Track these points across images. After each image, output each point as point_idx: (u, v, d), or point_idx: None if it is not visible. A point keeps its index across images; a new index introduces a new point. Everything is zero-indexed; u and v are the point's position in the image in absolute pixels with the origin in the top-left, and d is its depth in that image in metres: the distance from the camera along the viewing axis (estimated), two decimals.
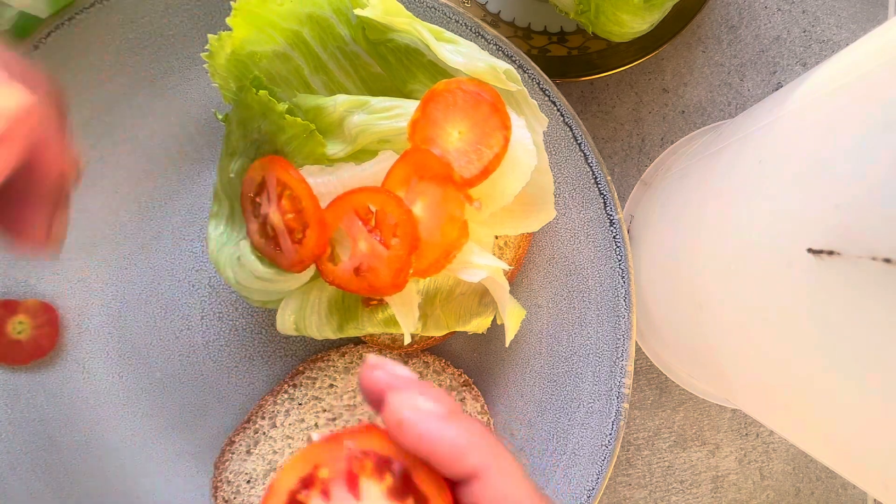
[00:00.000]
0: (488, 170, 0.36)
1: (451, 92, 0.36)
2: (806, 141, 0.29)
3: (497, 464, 0.22)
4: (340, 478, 0.23)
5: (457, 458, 0.22)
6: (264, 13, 0.37)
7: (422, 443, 0.22)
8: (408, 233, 0.35)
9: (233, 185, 0.41)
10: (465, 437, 0.22)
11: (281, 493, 0.23)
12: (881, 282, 0.21)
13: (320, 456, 0.23)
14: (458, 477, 0.22)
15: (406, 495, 0.23)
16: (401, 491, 0.23)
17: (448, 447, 0.22)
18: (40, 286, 0.46)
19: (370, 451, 0.23)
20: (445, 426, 0.22)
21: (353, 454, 0.23)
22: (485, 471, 0.22)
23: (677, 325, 0.44)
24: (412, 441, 0.22)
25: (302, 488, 0.23)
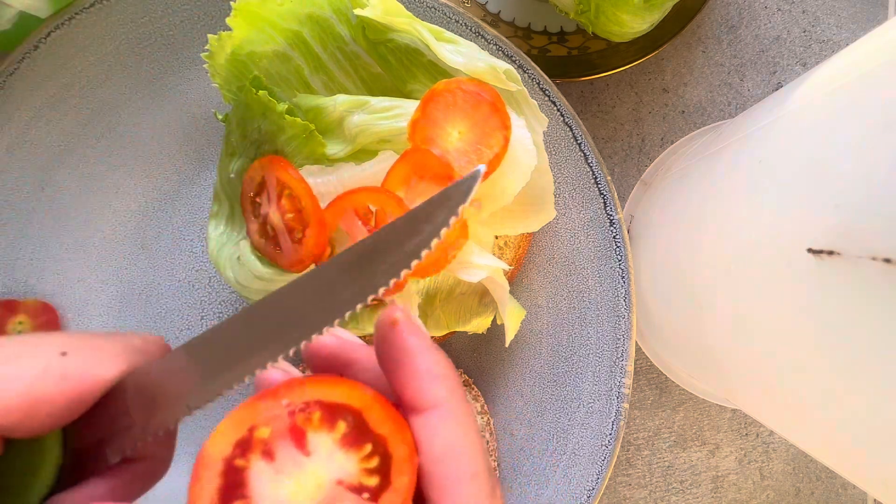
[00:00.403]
0: (488, 170, 0.36)
1: (451, 92, 0.36)
2: (806, 141, 0.29)
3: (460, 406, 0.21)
4: (284, 435, 0.21)
5: (430, 379, 0.21)
6: (264, 13, 0.37)
7: (404, 352, 0.21)
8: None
9: (233, 184, 0.41)
10: (444, 366, 0.22)
11: (214, 461, 0.20)
12: (881, 282, 0.21)
13: (256, 415, 0.21)
14: (418, 403, 0.21)
15: (362, 442, 0.21)
16: (356, 438, 0.21)
17: (427, 364, 0.21)
18: (40, 286, 0.46)
19: (314, 402, 0.21)
20: (432, 346, 0.22)
21: (294, 407, 0.21)
22: (447, 405, 0.21)
23: (677, 325, 0.43)
24: (397, 346, 0.21)
25: (239, 454, 0.20)
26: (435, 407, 0.21)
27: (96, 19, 0.44)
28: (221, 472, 0.20)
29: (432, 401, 0.21)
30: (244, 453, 0.20)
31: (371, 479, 0.20)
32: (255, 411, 0.21)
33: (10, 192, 0.45)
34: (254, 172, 0.38)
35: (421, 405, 0.21)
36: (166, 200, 0.48)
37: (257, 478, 0.20)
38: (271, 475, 0.20)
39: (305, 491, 0.20)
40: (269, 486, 0.20)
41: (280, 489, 0.20)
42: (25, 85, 0.44)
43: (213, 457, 0.20)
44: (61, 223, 0.46)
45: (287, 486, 0.20)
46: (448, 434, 0.21)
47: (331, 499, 0.20)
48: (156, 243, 0.48)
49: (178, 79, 0.46)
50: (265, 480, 0.20)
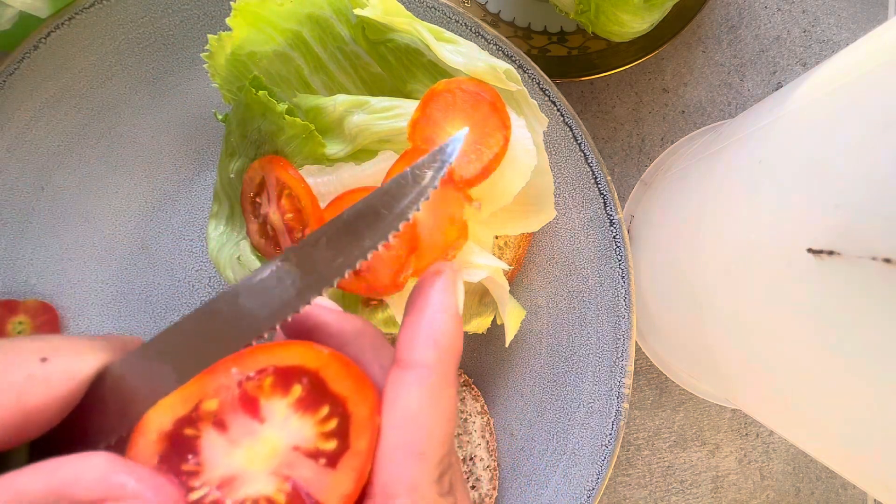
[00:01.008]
0: (488, 170, 0.36)
1: (451, 92, 0.36)
2: (806, 141, 0.29)
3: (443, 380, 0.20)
4: (234, 405, 0.20)
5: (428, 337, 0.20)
6: (264, 13, 0.37)
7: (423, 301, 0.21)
8: (407, 233, 0.35)
9: (233, 185, 0.41)
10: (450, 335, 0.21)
11: (150, 434, 0.19)
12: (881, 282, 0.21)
13: (203, 389, 0.20)
14: (405, 355, 0.20)
15: (319, 404, 0.20)
16: (312, 400, 0.20)
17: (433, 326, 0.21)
18: (40, 286, 0.46)
19: (266, 368, 0.20)
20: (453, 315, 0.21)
21: (244, 376, 0.20)
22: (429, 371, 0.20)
23: (677, 325, 0.43)
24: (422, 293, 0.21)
25: (186, 426, 0.19)
26: (415, 366, 0.20)
27: (96, 19, 0.44)
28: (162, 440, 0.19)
29: (416, 359, 0.20)
30: (194, 424, 0.20)
31: (329, 444, 0.19)
32: (203, 385, 0.20)
33: (10, 192, 0.45)
34: (253, 172, 0.38)
35: (404, 359, 0.20)
36: (166, 200, 0.48)
37: (209, 447, 0.19)
38: (224, 445, 0.20)
39: (259, 458, 0.19)
40: (221, 454, 0.19)
41: (234, 458, 0.19)
42: (25, 85, 0.44)
43: (150, 430, 0.19)
44: (61, 223, 0.46)
45: (240, 454, 0.19)
46: (414, 399, 0.20)
47: (286, 465, 0.19)
48: (156, 243, 0.48)
49: (178, 79, 0.46)
50: (218, 449, 0.19)
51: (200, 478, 0.19)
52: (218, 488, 0.19)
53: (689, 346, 0.43)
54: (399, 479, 0.19)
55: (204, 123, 0.47)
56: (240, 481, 0.19)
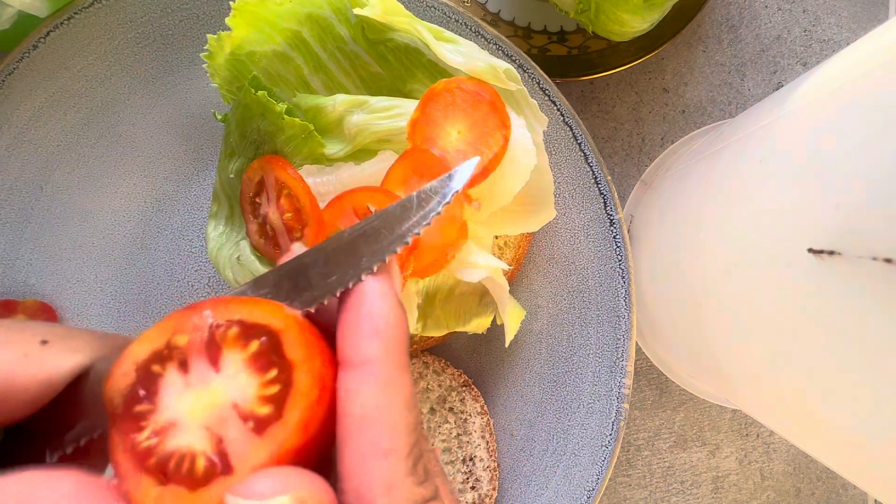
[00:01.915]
0: (488, 170, 0.36)
1: (451, 91, 0.36)
2: (806, 141, 0.29)
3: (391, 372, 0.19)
4: (200, 348, 0.20)
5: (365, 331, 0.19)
6: (264, 13, 0.37)
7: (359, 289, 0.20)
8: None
9: (232, 185, 0.41)
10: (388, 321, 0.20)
11: (128, 362, 0.20)
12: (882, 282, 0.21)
13: (179, 326, 0.20)
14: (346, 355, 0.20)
15: (270, 366, 0.20)
16: (265, 361, 0.20)
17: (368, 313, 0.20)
18: (40, 286, 0.46)
19: (237, 320, 0.20)
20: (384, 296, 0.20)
21: (216, 321, 0.20)
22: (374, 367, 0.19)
23: (677, 325, 0.43)
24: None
25: (156, 360, 0.20)
26: (361, 364, 0.19)
27: (95, 19, 0.44)
28: (135, 374, 0.20)
29: (360, 355, 0.19)
30: (162, 362, 0.20)
31: (264, 408, 0.19)
32: (179, 322, 0.20)
33: (10, 192, 0.45)
34: (252, 172, 0.38)
35: (348, 358, 0.19)
36: (166, 200, 0.48)
37: (168, 387, 0.20)
38: (181, 387, 0.20)
39: (201, 408, 0.19)
40: (175, 396, 0.20)
41: (182, 402, 0.19)
42: (24, 85, 0.44)
43: (129, 358, 0.20)
44: (60, 223, 0.46)
45: (189, 399, 0.19)
46: (368, 398, 0.19)
47: (218, 420, 0.19)
48: (155, 243, 0.48)
49: (178, 79, 0.46)
50: (174, 390, 0.20)
51: (150, 420, 0.19)
52: (156, 434, 0.19)
53: (690, 346, 0.43)
54: (372, 481, 0.18)
55: (203, 123, 0.47)
56: (175, 430, 0.19)
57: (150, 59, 0.46)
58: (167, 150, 0.48)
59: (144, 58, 0.45)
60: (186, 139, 0.48)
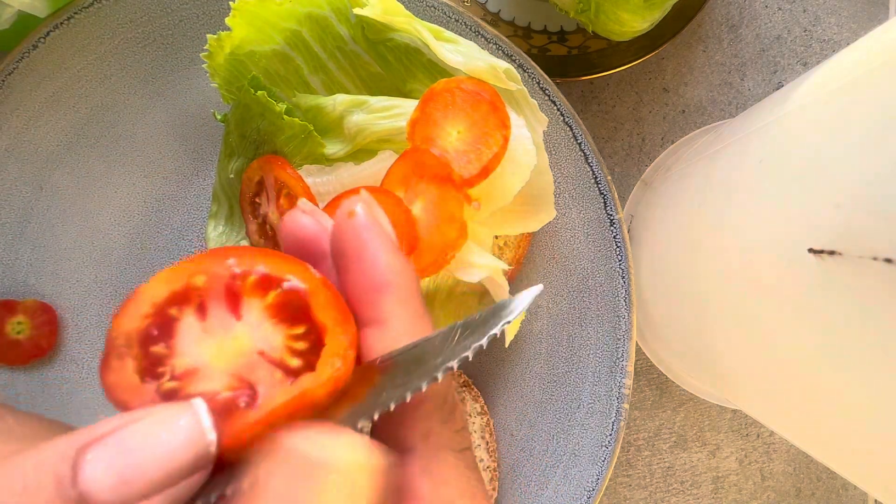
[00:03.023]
0: (488, 169, 0.36)
1: (450, 91, 0.36)
2: (806, 141, 0.29)
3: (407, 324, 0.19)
4: (219, 294, 0.19)
5: (375, 287, 0.19)
6: (263, 13, 0.37)
7: (355, 246, 0.19)
8: (406, 233, 0.35)
9: (232, 185, 0.41)
10: (396, 272, 0.19)
11: (144, 302, 0.19)
12: (882, 282, 0.21)
13: (198, 267, 0.19)
14: (360, 314, 0.19)
15: (297, 321, 0.19)
16: (291, 314, 0.19)
17: (375, 268, 0.19)
18: (39, 286, 0.46)
19: (257, 270, 0.19)
20: (387, 247, 0.19)
21: (237, 269, 0.19)
22: (390, 322, 0.19)
23: (677, 325, 0.43)
24: (347, 238, 0.19)
25: (173, 304, 0.19)
26: (379, 322, 0.19)
27: (95, 19, 0.44)
28: (149, 314, 0.19)
29: (376, 314, 0.19)
30: (180, 304, 0.19)
31: (293, 360, 0.19)
32: (198, 264, 0.20)
33: (9, 192, 0.45)
34: (252, 172, 0.38)
35: (364, 317, 0.19)
36: (165, 200, 0.48)
37: (185, 331, 0.19)
38: (199, 332, 0.19)
39: (225, 354, 0.19)
40: (193, 342, 0.19)
41: (203, 348, 0.19)
42: (24, 85, 0.44)
43: (145, 297, 0.19)
44: (60, 223, 0.46)
45: (210, 346, 0.19)
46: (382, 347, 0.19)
47: (248, 366, 0.19)
48: (155, 243, 0.48)
49: (177, 78, 0.46)
50: (192, 336, 0.19)
51: (167, 364, 0.19)
52: (177, 378, 0.19)
53: (690, 346, 0.43)
54: (408, 430, 0.18)
55: (203, 123, 0.47)
56: (199, 376, 0.19)
57: (150, 59, 0.46)
58: (167, 150, 0.48)
59: (144, 58, 0.45)
60: (186, 139, 0.48)
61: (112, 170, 0.47)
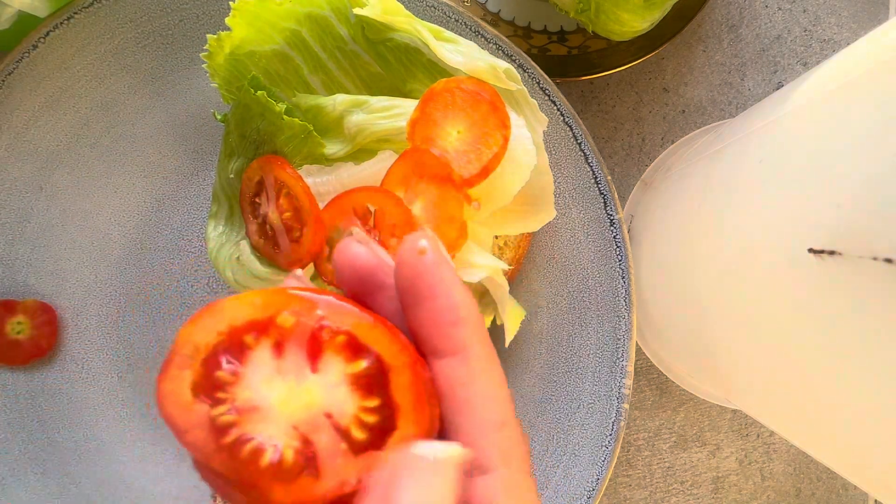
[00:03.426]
0: (487, 169, 0.36)
1: (450, 91, 0.36)
2: (806, 141, 0.29)
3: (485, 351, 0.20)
4: (302, 337, 0.19)
5: (452, 321, 0.19)
6: (263, 13, 0.37)
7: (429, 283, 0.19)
8: (406, 233, 0.35)
9: (232, 185, 0.41)
10: (469, 305, 0.20)
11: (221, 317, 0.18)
12: (882, 282, 0.21)
13: (287, 305, 0.19)
14: (438, 346, 0.20)
15: (371, 394, 0.19)
16: (367, 385, 0.19)
17: (451, 303, 0.19)
18: (39, 286, 0.46)
19: (346, 331, 0.19)
20: (459, 283, 0.20)
21: (326, 323, 0.19)
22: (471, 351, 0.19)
23: (677, 325, 0.43)
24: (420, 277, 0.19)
25: (251, 331, 0.18)
26: (456, 352, 0.19)
27: (95, 19, 0.44)
28: (224, 332, 0.18)
29: (454, 345, 0.19)
30: (258, 334, 0.18)
31: (360, 433, 0.18)
32: (288, 301, 0.19)
33: (9, 193, 0.45)
34: (252, 172, 0.38)
35: (442, 349, 0.19)
36: (165, 200, 0.48)
37: (257, 364, 0.18)
38: (271, 370, 0.18)
39: (292, 403, 0.18)
40: (262, 379, 0.18)
41: (271, 388, 0.18)
42: (24, 85, 0.44)
43: (224, 313, 0.18)
44: (60, 223, 0.46)
45: (279, 388, 0.18)
46: (470, 382, 0.19)
47: (312, 425, 0.18)
48: (155, 243, 0.48)
49: (177, 78, 0.46)
50: (263, 372, 0.18)
51: (229, 391, 0.18)
52: (237, 411, 0.18)
53: (690, 346, 0.43)
54: (492, 452, 0.19)
55: (203, 123, 0.47)
56: (260, 416, 0.18)
57: (150, 59, 0.46)
58: (167, 150, 0.48)
59: (144, 57, 0.45)
60: (186, 139, 0.48)
61: (112, 170, 0.47)
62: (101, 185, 0.47)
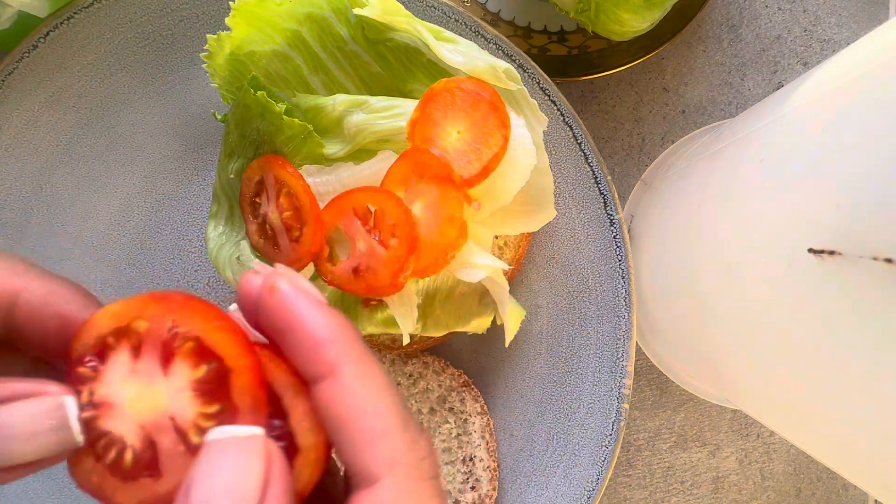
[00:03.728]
0: (487, 169, 0.36)
1: (450, 91, 0.36)
2: (806, 141, 0.29)
3: (356, 367, 0.20)
4: (156, 344, 0.20)
5: (314, 346, 0.20)
6: (263, 13, 0.37)
7: (285, 317, 0.20)
8: (406, 233, 0.35)
9: (232, 185, 0.41)
10: (332, 327, 0.20)
11: (91, 331, 0.20)
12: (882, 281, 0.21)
13: (145, 311, 0.20)
14: (310, 372, 0.20)
15: (214, 399, 0.20)
16: (211, 391, 0.20)
17: (310, 331, 0.20)
18: None
19: (194, 336, 0.20)
20: (316, 309, 0.20)
21: (178, 328, 0.20)
22: (340, 369, 0.20)
23: (678, 325, 0.43)
24: (276, 312, 0.20)
25: (114, 335, 0.20)
26: (326, 375, 0.20)
27: (95, 19, 0.44)
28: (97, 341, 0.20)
29: (323, 369, 0.20)
30: (118, 338, 0.20)
31: (197, 437, 0.20)
32: (145, 308, 0.21)
33: (9, 193, 0.45)
34: (252, 172, 0.38)
35: (313, 374, 0.20)
36: (165, 200, 0.48)
37: (116, 363, 0.20)
38: (127, 371, 0.20)
39: (140, 404, 0.20)
40: (119, 377, 0.20)
41: (124, 387, 0.20)
42: (24, 85, 0.44)
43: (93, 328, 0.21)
44: (60, 223, 0.46)
45: (131, 389, 0.20)
46: (344, 399, 0.20)
47: (156, 426, 0.20)
48: (155, 243, 0.48)
49: (177, 78, 0.46)
50: (119, 371, 0.20)
51: (89, 386, 0.20)
52: (95, 405, 0.20)
53: (690, 346, 0.43)
54: (374, 462, 0.19)
55: (203, 123, 0.47)
56: (113, 411, 0.20)
57: (150, 59, 0.46)
58: (167, 150, 0.48)
59: (144, 57, 0.45)
60: (186, 139, 0.48)
61: (112, 169, 0.47)
62: (101, 185, 0.47)
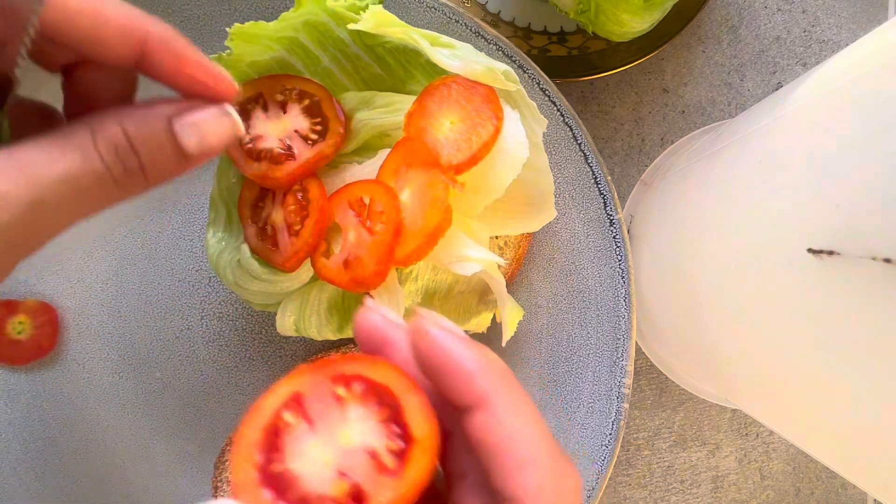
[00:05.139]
0: (476, 157, 0.36)
1: (447, 85, 0.36)
2: (806, 141, 0.29)
3: (507, 398, 0.22)
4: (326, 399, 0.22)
5: (468, 380, 0.22)
6: (260, 31, 0.37)
7: (439, 357, 0.22)
8: (392, 218, 0.35)
9: (232, 190, 0.41)
10: (482, 361, 0.22)
11: (261, 415, 0.22)
12: (881, 281, 0.21)
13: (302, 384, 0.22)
14: (463, 403, 0.22)
15: (392, 422, 0.22)
16: (389, 418, 0.22)
17: (463, 366, 0.22)
18: (40, 286, 0.46)
19: (361, 376, 0.22)
20: (465, 346, 0.22)
21: (340, 374, 0.22)
22: (492, 400, 0.21)
23: (677, 325, 0.43)
24: (429, 353, 0.22)
25: (285, 408, 0.22)
26: (479, 406, 0.21)
27: None
28: (265, 427, 0.22)
29: (474, 400, 0.21)
30: (290, 409, 0.22)
31: (391, 461, 0.21)
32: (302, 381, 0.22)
33: None
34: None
35: (465, 406, 0.22)
36: (166, 200, 0.48)
37: (295, 435, 0.22)
38: (308, 435, 0.22)
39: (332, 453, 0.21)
40: (302, 443, 0.22)
41: (311, 447, 0.22)
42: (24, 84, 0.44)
43: (266, 408, 0.22)
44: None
45: (316, 445, 0.22)
46: (495, 428, 0.21)
47: (349, 466, 0.21)
48: (155, 243, 0.48)
49: None
50: (300, 438, 0.22)
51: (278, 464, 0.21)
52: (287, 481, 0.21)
53: (690, 346, 0.43)
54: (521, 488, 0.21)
55: None
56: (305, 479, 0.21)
57: None
58: None
59: None
60: None
61: None
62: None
